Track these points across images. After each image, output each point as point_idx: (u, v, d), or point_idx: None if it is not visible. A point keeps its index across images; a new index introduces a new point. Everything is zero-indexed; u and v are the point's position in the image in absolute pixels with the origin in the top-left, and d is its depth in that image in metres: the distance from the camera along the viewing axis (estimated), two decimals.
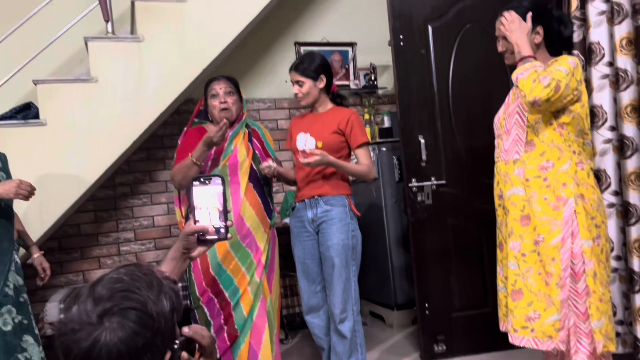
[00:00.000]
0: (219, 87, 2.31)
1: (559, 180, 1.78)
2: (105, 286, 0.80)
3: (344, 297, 2.27)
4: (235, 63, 3.55)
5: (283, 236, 3.75)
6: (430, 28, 2.76)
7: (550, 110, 1.78)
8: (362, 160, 2.33)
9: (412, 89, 2.75)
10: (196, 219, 1.17)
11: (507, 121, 1.95)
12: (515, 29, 1.84)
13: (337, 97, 2.46)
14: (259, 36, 3.61)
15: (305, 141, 2.37)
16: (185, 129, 2.40)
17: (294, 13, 3.83)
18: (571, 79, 1.70)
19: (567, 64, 1.72)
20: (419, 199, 2.73)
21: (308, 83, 2.32)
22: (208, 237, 1.18)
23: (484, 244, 2.77)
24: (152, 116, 2.72)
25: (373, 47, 3.90)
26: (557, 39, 1.92)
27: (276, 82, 3.78)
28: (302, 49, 3.80)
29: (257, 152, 2.40)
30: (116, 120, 2.64)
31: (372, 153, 3.25)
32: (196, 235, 1.18)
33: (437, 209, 2.74)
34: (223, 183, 1.18)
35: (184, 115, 3.55)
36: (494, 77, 2.77)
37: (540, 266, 1.79)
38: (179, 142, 2.37)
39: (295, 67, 2.34)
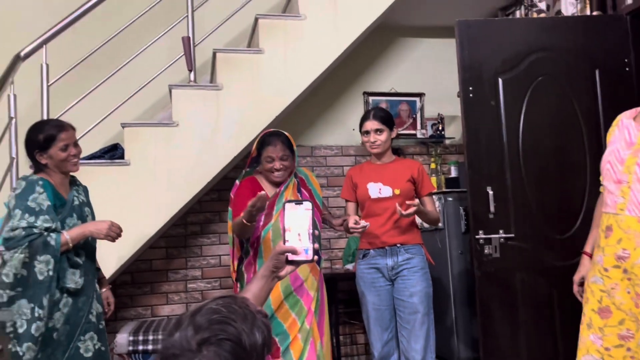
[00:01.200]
0: (276, 154, 2.32)
1: None
2: (204, 316, 0.85)
3: (425, 345, 2.32)
4: (305, 110, 3.69)
5: (344, 282, 3.75)
6: (500, 80, 2.77)
7: None
8: (430, 208, 2.42)
9: (480, 141, 2.74)
10: (286, 239, 1.24)
11: None
12: None
13: (395, 149, 2.60)
14: (329, 85, 3.73)
15: (379, 190, 2.43)
16: (237, 181, 2.45)
17: (363, 64, 3.95)
18: None
19: None
20: (486, 251, 2.66)
21: (386, 132, 2.44)
22: (296, 258, 1.23)
23: (555, 302, 2.65)
24: (226, 159, 2.85)
25: (441, 97, 3.93)
26: None
27: (344, 130, 3.87)
28: (371, 99, 3.89)
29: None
30: (193, 162, 2.79)
31: (437, 202, 3.23)
32: (286, 255, 1.23)
33: (505, 263, 2.66)
34: (313, 207, 1.25)
35: None
36: (566, 130, 2.72)
37: None
38: (232, 195, 2.43)
39: (375, 115, 2.45)
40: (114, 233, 2.08)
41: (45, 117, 2.64)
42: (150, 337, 2.89)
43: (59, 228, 2.01)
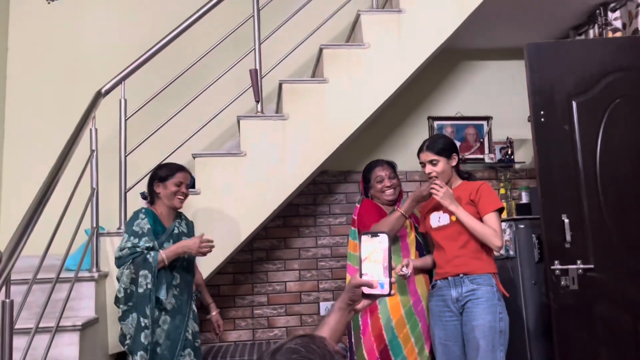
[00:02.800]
0: (384, 173, 2.60)
1: None
2: (284, 355, 0.86)
3: None
4: (370, 136, 3.68)
5: None
6: (574, 103, 2.65)
7: None
8: (490, 224, 2.28)
9: (553, 166, 2.62)
10: (362, 272, 1.21)
11: None
12: None
13: (465, 173, 2.52)
14: (393, 111, 3.71)
15: (439, 218, 2.37)
16: (357, 205, 2.68)
17: (427, 88, 3.91)
18: None
19: None
20: (562, 283, 2.53)
21: (442, 162, 2.36)
22: (372, 292, 1.21)
23: None
24: (292, 187, 2.89)
25: (509, 120, 3.82)
26: None
27: (408, 155, 3.80)
28: (436, 124, 3.84)
29: (416, 225, 2.51)
30: (260, 190, 2.85)
31: (508, 230, 3.11)
32: (362, 288, 1.22)
33: (584, 295, 2.52)
34: (389, 240, 1.21)
35: (319, 185, 3.72)
36: None
37: None
38: (355, 216, 2.64)
39: (428, 147, 2.40)
40: (205, 248, 2.34)
41: (122, 149, 2.79)
42: None
43: (156, 248, 2.31)
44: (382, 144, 3.82)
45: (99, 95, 2.73)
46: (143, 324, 2.22)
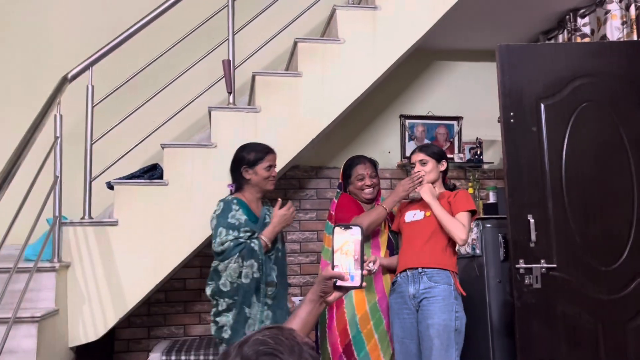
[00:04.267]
0: (366, 172, 2.57)
1: None
2: (252, 347, 0.84)
3: None
4: (342, 133, 3.68)
5: None
6: (542, 106, 2.71)
7: None
8: (460, 219, 2.33)
9: (521, 167, 2.67)
10: (334, 264, 1.21)
11: None
12: None
13: (451, 184, 2.61)
14: (366, 108, 3.72)
15: (414, 215, 2.41)
16: (335, 199, 2.66)
17: (400, 87, 3.94)
18: None
19: None
20: (526, 281, 2.58)
21: (431, 163, 2.42)
22: (344, 284, 1.21)
23: (601, 338, 2.54)
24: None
25: (479, 121, 3.88)
26: None
27: (380, 153, 3.84)
28: (407, 122, 3.87)
29: (390, 224, 2.52)
30: (230, 183, 2.80)
31: (475, 229, 3.16)
32: (333, 280, 1.21)
33: (546, 294, 2.57)
34: (362, 233, 1.21)
35: (290, 180, 3.70)
36: (612, 157, 2.63)
37: None
38: (333, 211, 2.61)
39: (421, 149, 2.51)
40: (293, 213, 2.30)
41: (89, 137, 2.71)
42: (183, 357, 2.90)
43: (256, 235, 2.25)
44: (354, 140, 3.83)
45: (64, 81, 2.64)
46: (247, 315, 2.18)
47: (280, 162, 2.88)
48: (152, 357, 2.87)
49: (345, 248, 1.21)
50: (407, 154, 3.85)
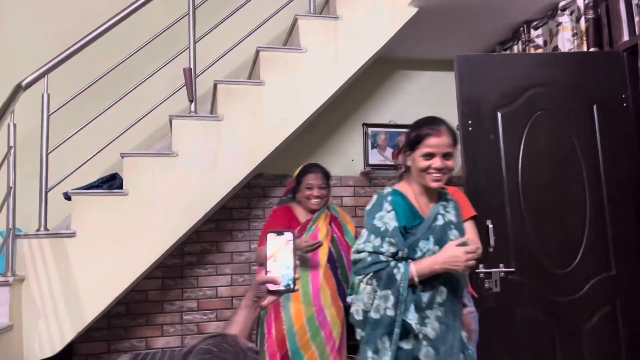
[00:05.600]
0: (316, 182, 2.59)
1: None
2: (196, 357, 0.84)
3: None
4: (305, 141, 3.70)
5: None
6: (499, 114, 2.79)
7: None
8: (469, 235, 2.35)
9: (480, 174, 2.74)
10: (268, 269, 1.24)
11: None
12: None
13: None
14: (329, 116, 3.74)
15: None
16: (275, 207, 2.64)
17: (362, 95, 3.98)
18: None
19: None
20: (486, 286, 2.64)
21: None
22: (277, 288, 1.24)
23: (557, 337, 2.61)
24: (225, 190, 2.83)
25: None
26: None
27: (343, 160, 3.88)
28: (370, 130, 3.91)
29: (335, 235, 2.50)
30: (192, 192, 2.78)
31: None
32: (267, 284, 1.24)
33: (505, 297, 2.63)
34: (294, 238, 1.25)
35: (254, 189, 3.69)
36: (565, 164, 2.72)
37: None
38: (268, 219, 2.59)
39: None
40: (472, 262, 1.64)
41: (44, 146, 2.63)
42: None
43: (404, 255, 1.67)
44: (318, 148, 3.84)
45: (19, 89, 2.57)
46: None
47: (243, 171, 2.89)
48: None
49: (278, 253, 1.24)
50: (370, 162, 3.90)
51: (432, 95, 4.03)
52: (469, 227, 2.31)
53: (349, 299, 3.40)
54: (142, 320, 3.41)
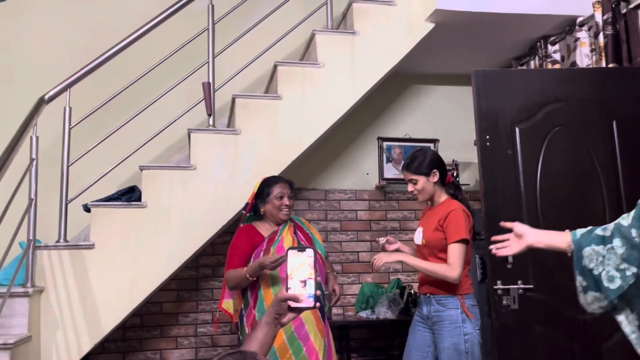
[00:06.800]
0: (285, 191, 2.50)
1: None
2: None
3: None
4: (320, 155, 3.71)
5: (357, 330, 3.67)
6: (517, 129, 2.78)
7: None
8: (449, 259, 2.30)
9: (497, 189, 2.72)
10: (288, 286, 1.24)
11: None
12: None
13: (452, 187, 2.52)
14: (344, 130, 3.76)
15: (418, 234, 2.46)
16: (242, 224, 2.55)
17: (378, 110, 3.99)
18: None
19: None
20: (504, 302, 2.61)
21: (421, 180, 2.39)
22: (298, 305, 1.24)
23: (576, 356, 2.57)
24: (242, 203, 2.84)
25: (455, 143, 3.95)
26: None
27: (358, 174, 3.88)
28: (385, 144, 3.92)
29: (302, 242, 2.48)
30: (209, 205, 2.79)
31: None
32: (288, 302, 1.24)
33: (524, 315, 2.60)
34: (315, 255, 1.26)
35: None
36: (584, 180, 2.70)
37: None
38: (233, 241, 2.51)
39: (407, 167, 2.44)
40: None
41: (65, 159, 2.67)
42: None
43: None
44: (333, 162, 3.86)
45: (41, 102, 2.61)
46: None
47: None
48: None
49: (299, 270, 1.24)
50: (385, 176, 3.90)
51: (447, 109, 4.04)
52: (449, 250, 2.29)
53: (362, 313, 3.37)
54: (157, 332, 3.42)
